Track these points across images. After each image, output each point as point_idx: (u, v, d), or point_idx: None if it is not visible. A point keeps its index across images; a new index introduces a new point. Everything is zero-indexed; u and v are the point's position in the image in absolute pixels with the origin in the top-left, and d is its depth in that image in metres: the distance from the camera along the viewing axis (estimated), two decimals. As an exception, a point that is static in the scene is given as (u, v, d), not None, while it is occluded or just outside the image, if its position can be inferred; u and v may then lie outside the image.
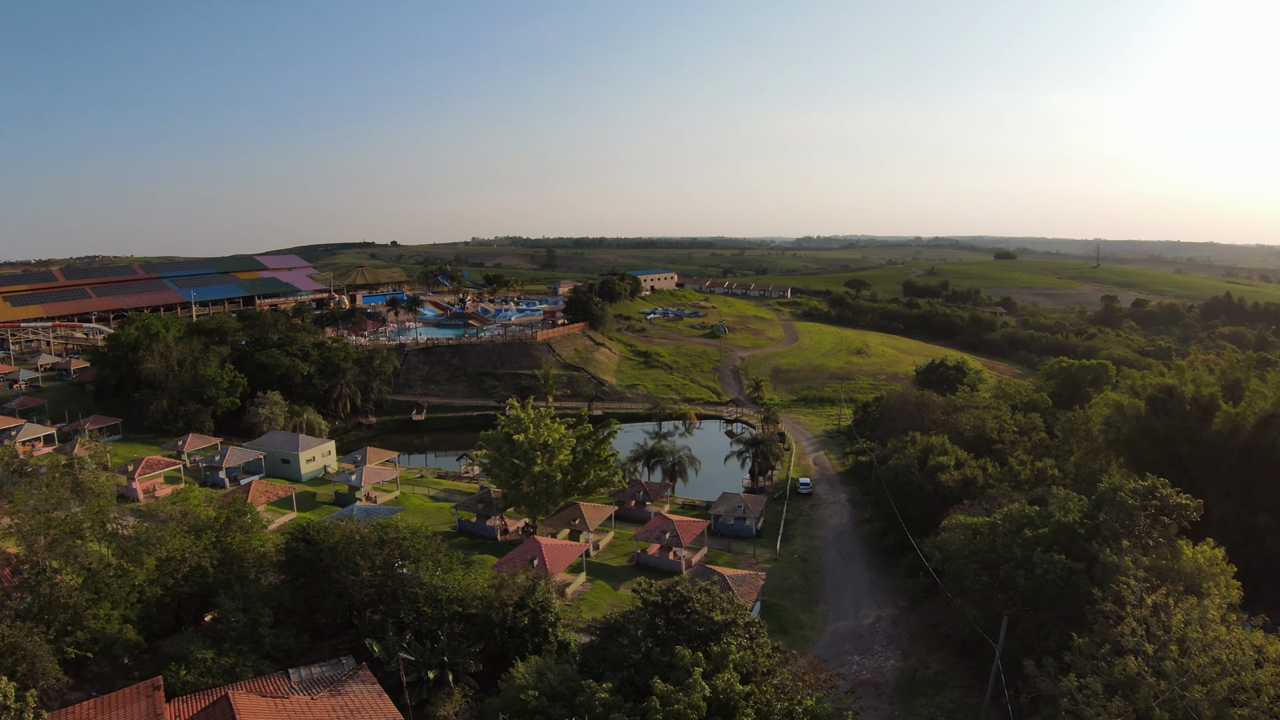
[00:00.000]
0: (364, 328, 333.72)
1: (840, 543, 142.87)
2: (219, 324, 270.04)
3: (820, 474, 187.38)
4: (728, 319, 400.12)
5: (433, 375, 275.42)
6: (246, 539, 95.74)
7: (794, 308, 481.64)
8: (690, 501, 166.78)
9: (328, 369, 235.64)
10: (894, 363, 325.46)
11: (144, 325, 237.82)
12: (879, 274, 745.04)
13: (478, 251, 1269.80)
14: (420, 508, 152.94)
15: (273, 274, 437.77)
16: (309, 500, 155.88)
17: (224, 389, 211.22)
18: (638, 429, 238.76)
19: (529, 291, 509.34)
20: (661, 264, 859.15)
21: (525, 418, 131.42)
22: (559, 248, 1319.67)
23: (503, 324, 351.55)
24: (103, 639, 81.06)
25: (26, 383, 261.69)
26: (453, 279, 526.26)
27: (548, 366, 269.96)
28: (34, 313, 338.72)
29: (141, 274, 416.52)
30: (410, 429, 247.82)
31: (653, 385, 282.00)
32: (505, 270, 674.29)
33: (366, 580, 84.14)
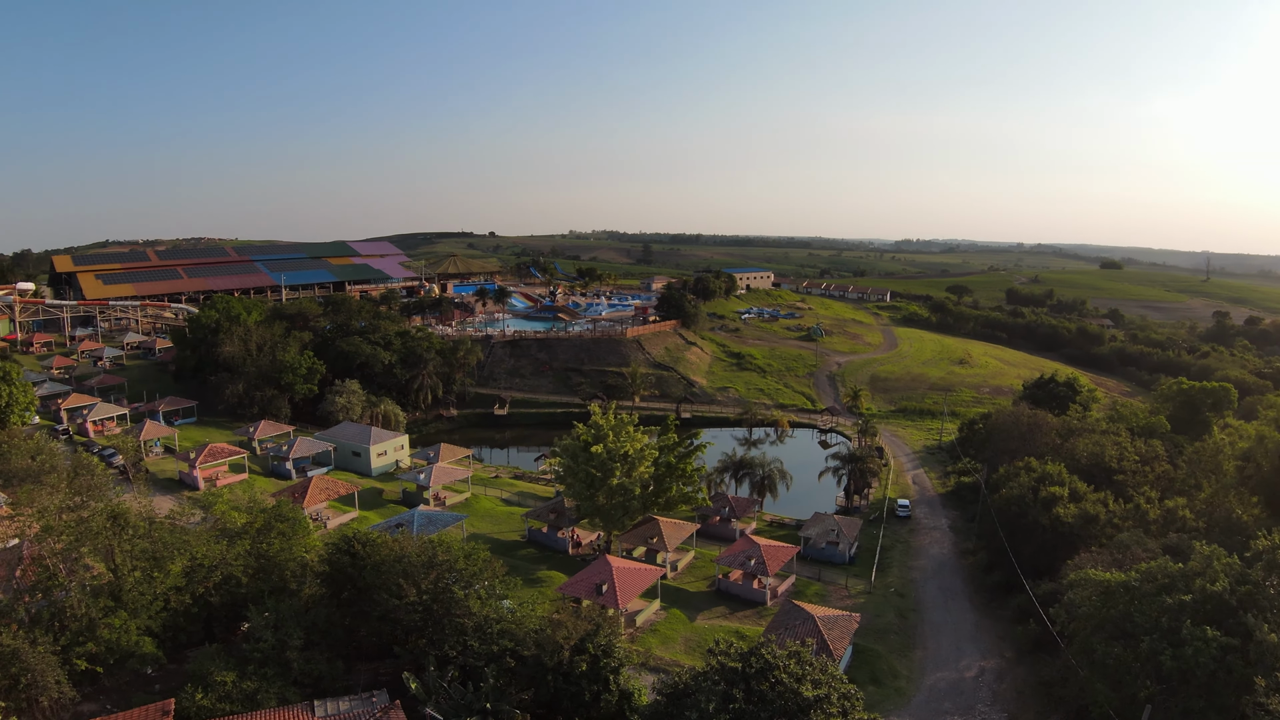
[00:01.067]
0: (451, 317, 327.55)
1: (941, 576, 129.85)
2: (300, 309, 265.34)
3: (920, 494, 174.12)
4: (824, 321, 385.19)
5: (518, 369, 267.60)
6: (287, 546, 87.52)
7: (893, 312, 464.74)
8: (779, 519, 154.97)
9: (410, 359, 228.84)
10: (997, 375, 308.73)
11: (225, 307, 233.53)
12: (980, 280, 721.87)
13: (574, 244, 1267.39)
14: (490, 512, 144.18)
15: (365, 260, 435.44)
16: (375, 498, 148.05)
17: (301, 375, 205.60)
18: (726, 434, 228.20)
19: (622, 286, 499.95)
20: (758, 262, 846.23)
21: (605, 425, 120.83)
22: (655, 243, 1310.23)
23: (593, 319, 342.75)
24: (118, 651, 73.85)
25: (111, 360, 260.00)
26: (545, 271, 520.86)
27: (636, 365, 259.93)
28: (125, 291, 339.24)
29: (234, 256, 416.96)
30: (491, 423, 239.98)
31: (744, 389, 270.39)
32: (599, 264, 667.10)
33: (411, 604, 75.07)
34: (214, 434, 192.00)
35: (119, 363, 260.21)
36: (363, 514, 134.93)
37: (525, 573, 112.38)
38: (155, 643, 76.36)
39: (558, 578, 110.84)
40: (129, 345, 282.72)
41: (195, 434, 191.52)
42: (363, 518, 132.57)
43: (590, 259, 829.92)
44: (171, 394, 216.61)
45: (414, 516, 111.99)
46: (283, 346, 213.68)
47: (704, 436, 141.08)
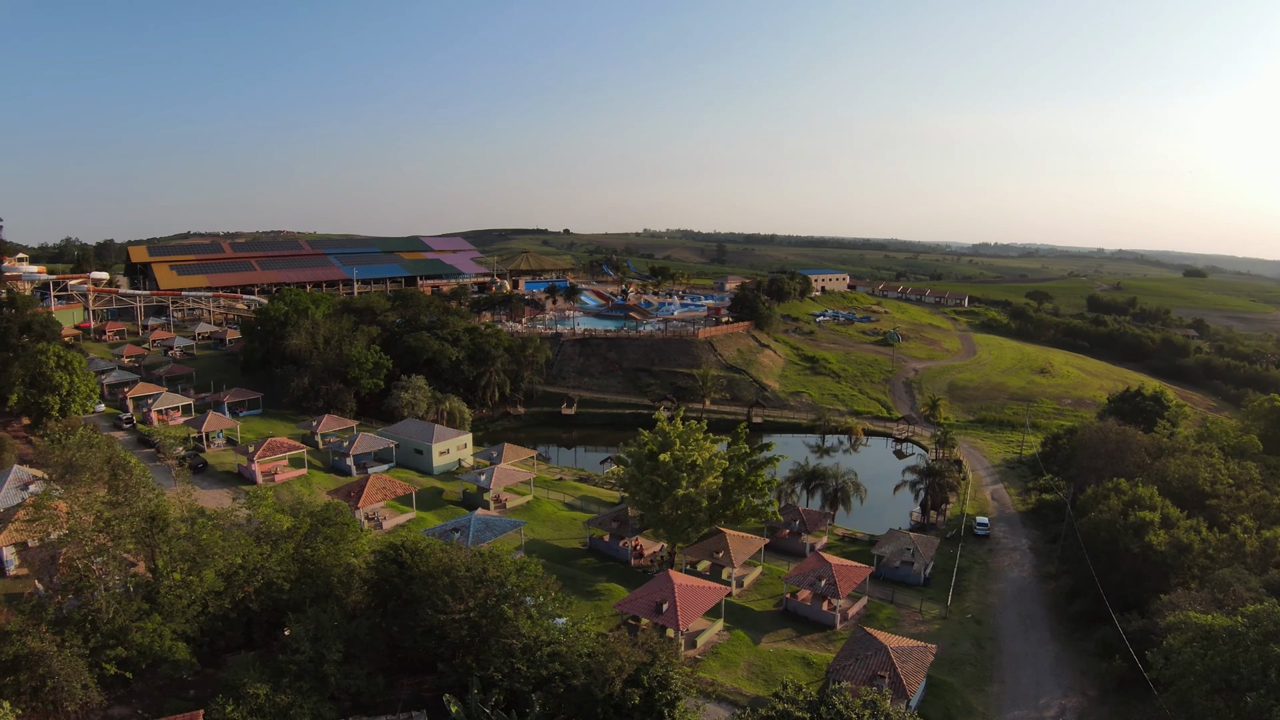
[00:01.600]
0: (521, 314, 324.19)
1: (1020, 602, 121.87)
2: (369, 303, 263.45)
3: (999, 511, 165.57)
4: (901, 326, 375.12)
5: (587, 368, 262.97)
6: (334, 551, 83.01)
7: (971, 317, 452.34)
8: (851, 534, 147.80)
9: (478, 355, 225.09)
10: (1079, 385, 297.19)
11: (294, 300, 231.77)
12: (1060, 286, 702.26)
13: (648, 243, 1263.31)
14: (551, 516, 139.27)
15: (437, 255, 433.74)
16: (434, 498, 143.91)
17: (367, 370, 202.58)
18: (798, 441, 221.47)
19: (695, 285, 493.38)
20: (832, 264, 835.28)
21: (672, 432, 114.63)
22: (729, 242, 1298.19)
23: (664, 318, 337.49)
24: (150, 656, 70.26)
25: (181, 350, 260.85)
26: (617, 269, 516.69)
27: (707, 367, 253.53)
28: (198, 282, 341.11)
29: (307, 250, 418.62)
30: (558, 422, 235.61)
31: (818, 394, 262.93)
32: (673, 263, 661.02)
33: (458, 621, 69.98)
34: (278, 426, 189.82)
35: (189, 352, 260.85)
36: (420, 515, 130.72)
37: (583, 584, 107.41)
38: (190, 648, 72.50)
39: (617, 591, 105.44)
40: (200, 335, 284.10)
41: (259, 426, 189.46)
42: (420, 519, 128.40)
43: (664, 257, 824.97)
44: (239, 385, 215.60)
45: (470, 521, 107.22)
46: (350, 340, 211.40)
47: (774, 442, 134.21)
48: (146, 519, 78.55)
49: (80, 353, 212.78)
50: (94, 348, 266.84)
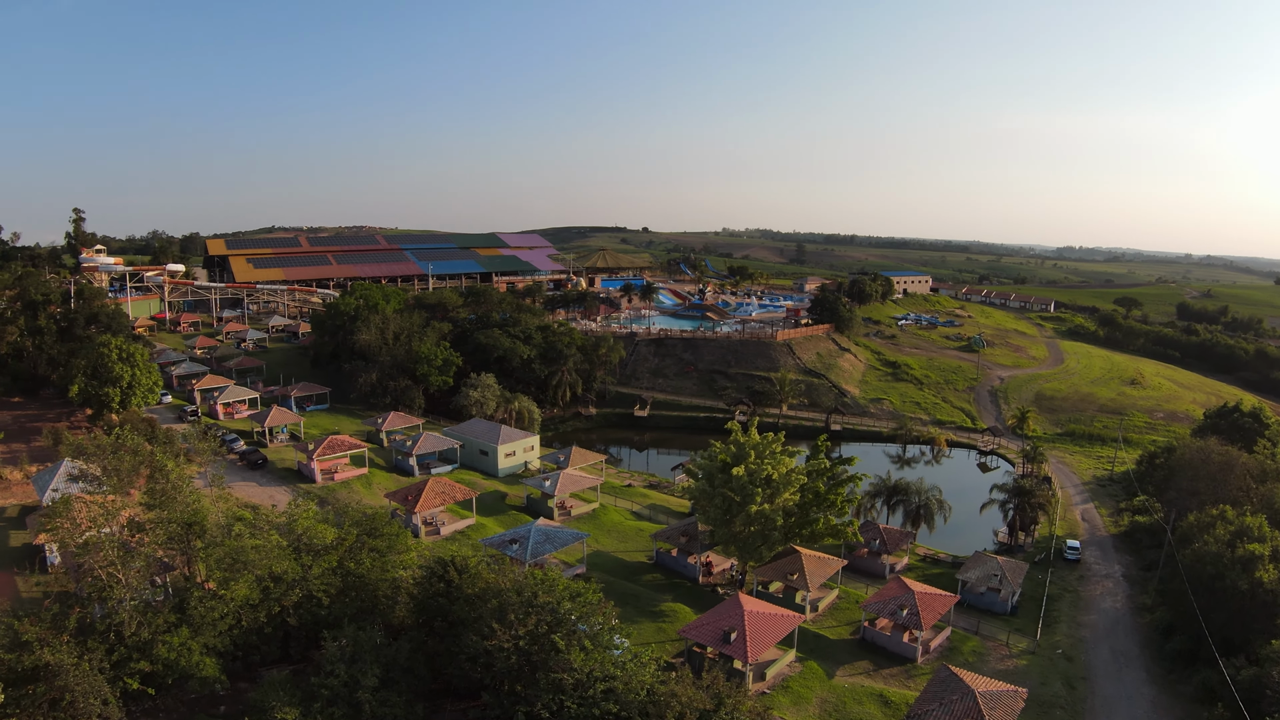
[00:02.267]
0: (596, 313, 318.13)
1: (1113, 637, 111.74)
2: (441, 299, 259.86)
3: (1089, 534, 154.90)
4: (985, 331, 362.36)
5: (661, 369, 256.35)
6: (380, 564, 77.30)
7: (1057, 324, 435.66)
8: (933, 554, 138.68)
9: (549, 354, 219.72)
10: (1171, 398, 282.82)
11: (364, 295, 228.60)
12: (1148, 293, 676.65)
13: (726, 242, 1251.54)
14: (617, 526, 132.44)
15: (513, 252, 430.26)
16: (497, 502, 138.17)
17: (436, 367, 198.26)
18: (877, 451, 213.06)
19: (773, 286, 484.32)
20: (913, 265, 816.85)
21: (746, 444, 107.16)
22: (809, 243, 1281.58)
23: (742, 319, 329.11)
24: (175, 671, 65.24)
25: (254, 342, 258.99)
26: (695, 268, 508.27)
27: (785, 370, 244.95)
28: (273, 275, 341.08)
29: (384, 244, 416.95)
30: (630, 424, 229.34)
31: (899, 401, 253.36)
32: (751, 262, 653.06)
33: (505, 650, 63.54)
34: (344, 422, 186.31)
35: (262, 345, 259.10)
36: (480, 520, 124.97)
37: (647, 603, 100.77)
38: (219, 663, 67.25)
39: (683, 613, 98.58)
40: (274, 328, 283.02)
41: (325, 421, 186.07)
42: (480, 525, 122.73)
43: (743, 257, 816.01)
44: (309, 379, 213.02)
45: (530, 532, 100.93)
46: (420, 336, 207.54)
47: (856, 457, 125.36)
48: (183, 525, 73.78)
49: (147, 344, 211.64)
50: (168, 339, 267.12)
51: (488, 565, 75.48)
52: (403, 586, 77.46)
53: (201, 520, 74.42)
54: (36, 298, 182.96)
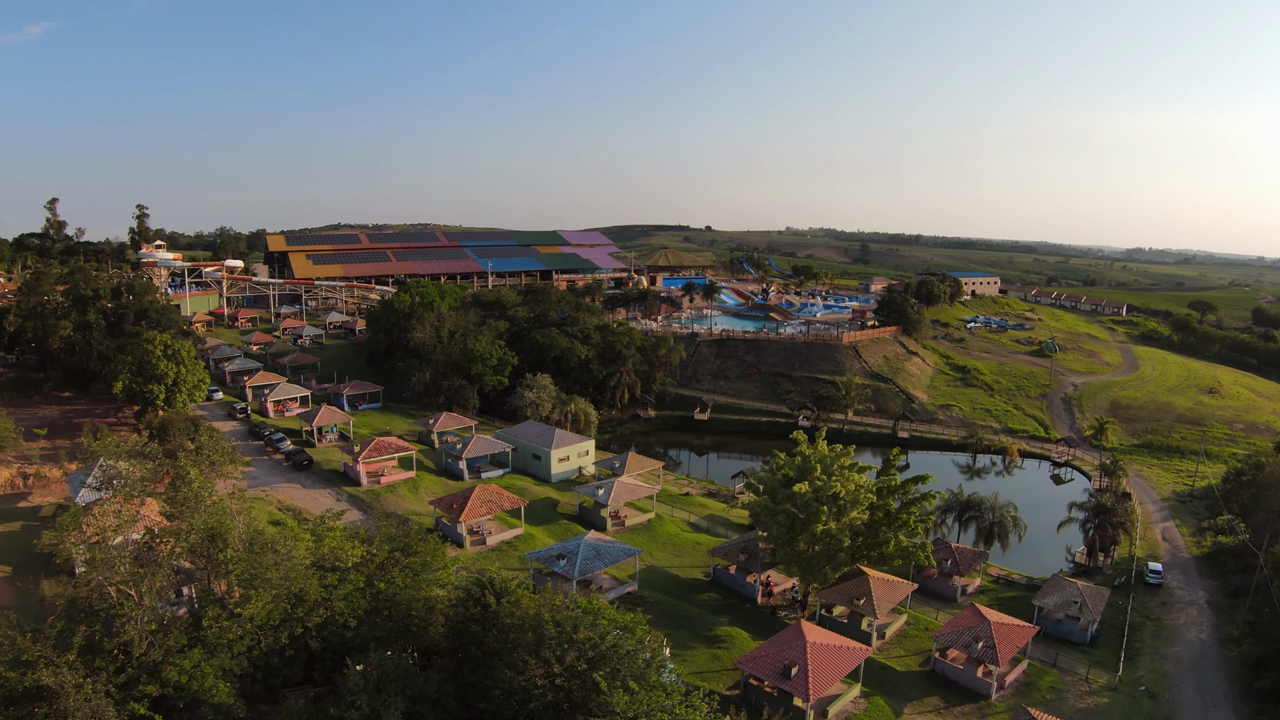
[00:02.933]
0: (656, 312, 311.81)
1: (1199, 671, 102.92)
2: (499, 296, 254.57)
3: (1171, 554, 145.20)
4: (1057, 335, 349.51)
5: (723, 370, 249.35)
6: (413, 584, 71.46)
7: (1129, 328, 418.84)
8: (1006, 575, 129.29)
9: (608, 354, 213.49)
10: (1251, 408, 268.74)
11: (420, 292, 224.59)
12: (1221, 296, 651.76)
13: (790, 241, 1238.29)
14: (673, 539, 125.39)
15: (574, 249, 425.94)
16: (548, 510, 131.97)
17: (491, 366, 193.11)
18: (946, 460, 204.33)
19: (838, 286, 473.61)
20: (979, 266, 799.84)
21: (812, 457, 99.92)
22: (873, 242, 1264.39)
23: (806, 320, 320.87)
24: (186, 694, 59.76)
25: (311, 339, 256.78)
26: (759, 267, 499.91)
27: (851, 375, 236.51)
28: (332, 272, 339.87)
29: (443, 241, 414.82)
30: (690, 427, 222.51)
31: (969, 408, 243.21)
32: (815, 262, 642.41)
33: (541, 687, 57.23)
34: (396, 422, 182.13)
35: (318, 341, 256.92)
36: (529, 530, 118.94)
37: (703, 626, 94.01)
38: (235, 687, 61.57)
39: (740, 638, 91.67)
40: (331, 324, 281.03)
41: (377, 420, 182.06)
42: (528, 535, 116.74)
43: (806, 256, 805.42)
44: (363, 377, 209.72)
45: (579, 548, 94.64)
46: (475, 334, 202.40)
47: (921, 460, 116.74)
48: (206, 535, 68.58)
49: (198, 340, 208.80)
50: (225, 334, 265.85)
51: (530, 588, 69.25)
52: (437, 607, 71.64)
53: (225, 532, 68.97)
54: (86, 293, 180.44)
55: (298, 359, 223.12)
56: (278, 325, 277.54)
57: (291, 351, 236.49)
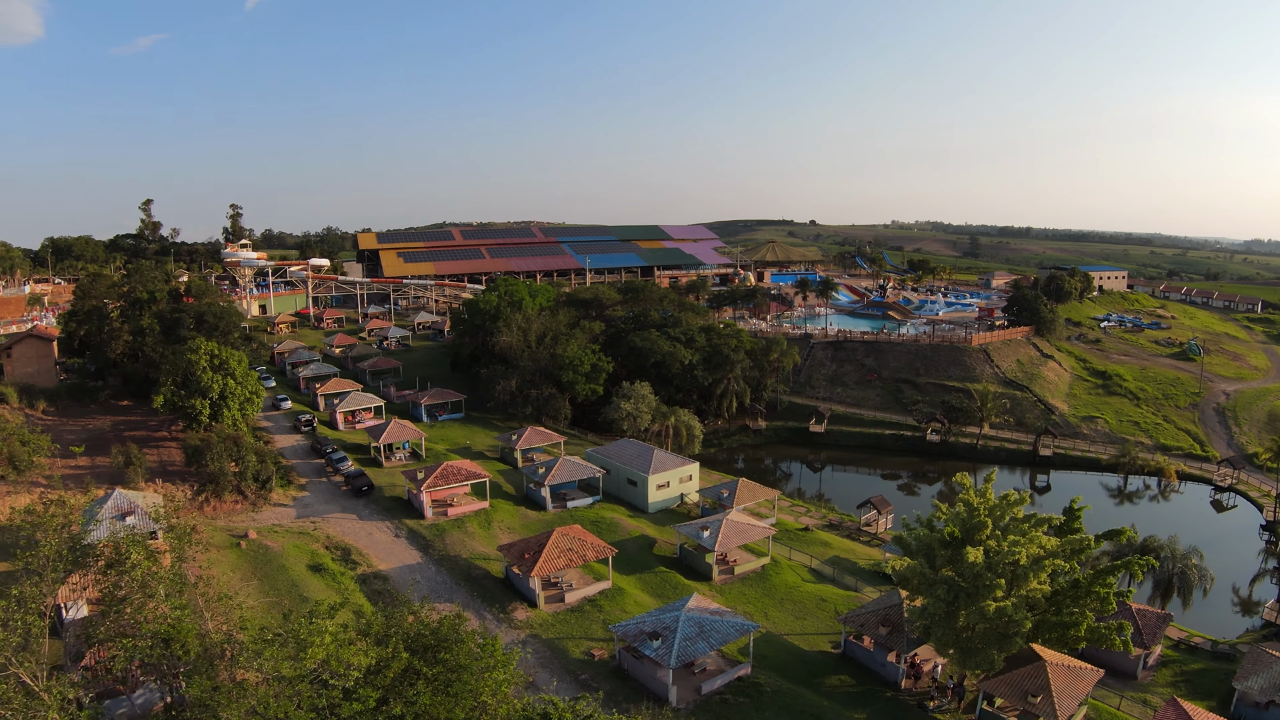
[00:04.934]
0: (766, 310, 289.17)
1: None
2: (596, 295, 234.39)
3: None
4: (1198, 335, 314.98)
5: (839, 375, 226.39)
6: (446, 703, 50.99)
7: (1266, 326, 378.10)
8: (1186, 638, 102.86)
9: (714, 359, 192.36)
10: None
11: (507, 291, 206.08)
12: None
13: (896, 235, 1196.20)
14: (791, 593, 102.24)
15: (676, 244, 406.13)
16: (642, 553, 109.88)
17: (584, 373, 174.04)
18: (1093, 482, 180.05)
19: (957, 281, 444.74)
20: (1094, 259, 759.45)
21: (980, 507, 76.61)
22: (982, 235, 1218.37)
23: (929, 319, 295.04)
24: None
25: (397, 341, 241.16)
26: (873, 261, 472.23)
27: (987, 383, 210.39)
28: (423, 270, 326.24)
29: (540, 237, 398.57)
30: (804, 440, 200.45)
31: (1114, 420, 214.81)
32: (925, 256, 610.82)
33: None
34: (477, 435, 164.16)
35: (404, 344, 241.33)
36: (619, 581, 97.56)
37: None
38: None
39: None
40: (419, 326, 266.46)
41: (456, 434, 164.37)
42: (617, 589, 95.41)
43: (914, 250, 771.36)
44: (447, 383, 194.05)
45: (678, 625, 73.23)
46: (566, 338, 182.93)
47: (1064, 482, 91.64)
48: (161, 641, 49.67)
49: (261, 346, 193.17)
50: (309, 335, 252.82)
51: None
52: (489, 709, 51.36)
53: (184, 636, 49.83)
54: (141, 295, 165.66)
55: (378, 363, 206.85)
56: (363, 326, 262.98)
57: (373, 355, 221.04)
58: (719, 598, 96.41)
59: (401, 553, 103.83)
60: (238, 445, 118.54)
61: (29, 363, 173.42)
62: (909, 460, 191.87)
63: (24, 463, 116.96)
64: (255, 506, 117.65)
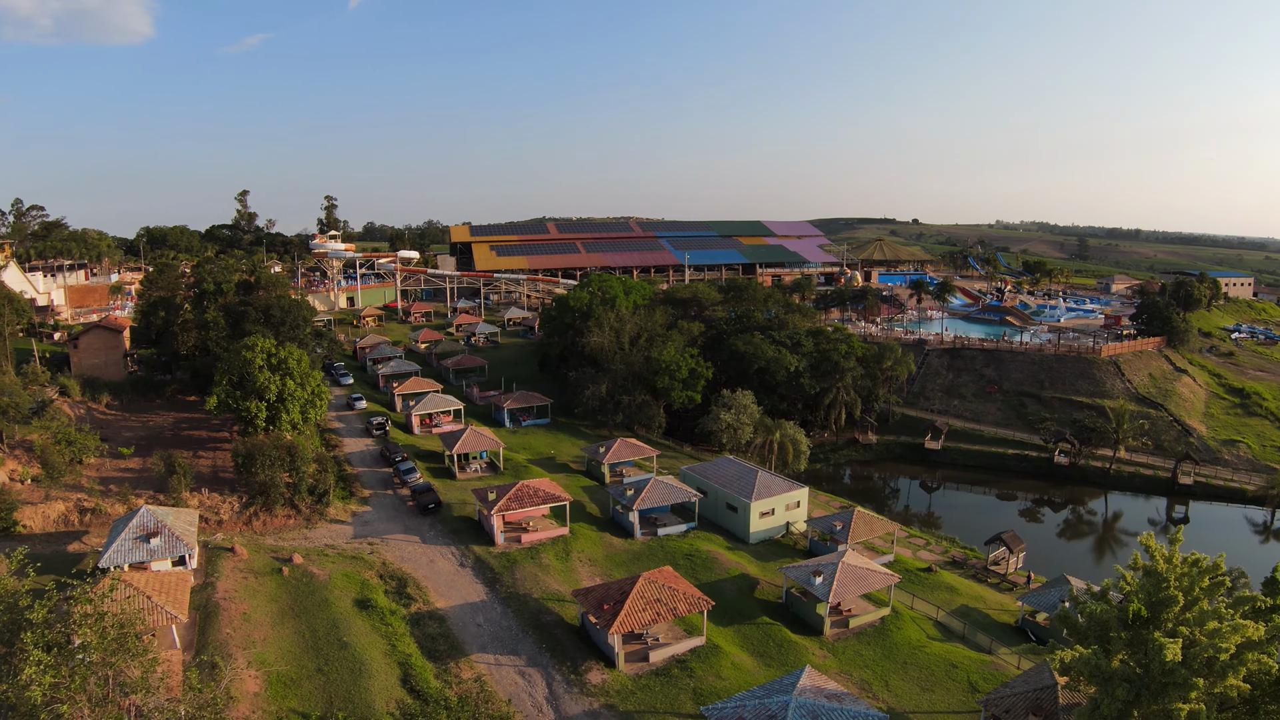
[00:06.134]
0: (876, 313, 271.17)
1: None
2: (695, 293, 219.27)
3: None
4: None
5: (956, 386, 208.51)
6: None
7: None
8: None
9: (822, 366, 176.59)
10: None
11: (600, 287, 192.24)
12: None
13: (1001, 235, 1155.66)
14: (916, 655, 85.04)
15: (779, 241, 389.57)
16: (741, 598, 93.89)
17: (681, 379, 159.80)
18: (1236, 515, 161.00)
19: (1074, 285, 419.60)
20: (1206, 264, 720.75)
21: (1169, 575, 58.30)
22: (1090, 236, 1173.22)
23: (1050, 326, 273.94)
24: None
25: (485, 337, 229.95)
26: (986, 262, 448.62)
27: (1123, 400, 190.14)
28: (516, 264, 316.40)
29: (637, 232, 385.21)
30: (918, 457, 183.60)
31: (1257, 445, 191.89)
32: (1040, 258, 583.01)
33: None
34: (563, 443, 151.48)
35: (493, 340, 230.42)
36: (713, 636, 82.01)
37: None
38: None
39: None
40: (510, 322, 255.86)
41: (540, 441, 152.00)
42: (712, 646, 80.00)
43: (1021, 251, 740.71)
44: (533, 385, 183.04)
45: (788, 712, 57.89)
46: (662, 340, 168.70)
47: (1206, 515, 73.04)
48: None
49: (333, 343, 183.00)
50: (395, 330, 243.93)
51: None
52: None
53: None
54: (208, 286, 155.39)
55: (463, 361, 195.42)
56: (451, 321, 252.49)
57: (458, 352, 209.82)
58: (831, 659, 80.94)
59: (464, 586, 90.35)
60: (291, 453, 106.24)
61: (96, 354, 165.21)
62: (1031, 483, 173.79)
63: (58, 468, 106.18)
64: (309, 522, 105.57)
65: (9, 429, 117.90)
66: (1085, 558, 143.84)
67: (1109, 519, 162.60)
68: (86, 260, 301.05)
